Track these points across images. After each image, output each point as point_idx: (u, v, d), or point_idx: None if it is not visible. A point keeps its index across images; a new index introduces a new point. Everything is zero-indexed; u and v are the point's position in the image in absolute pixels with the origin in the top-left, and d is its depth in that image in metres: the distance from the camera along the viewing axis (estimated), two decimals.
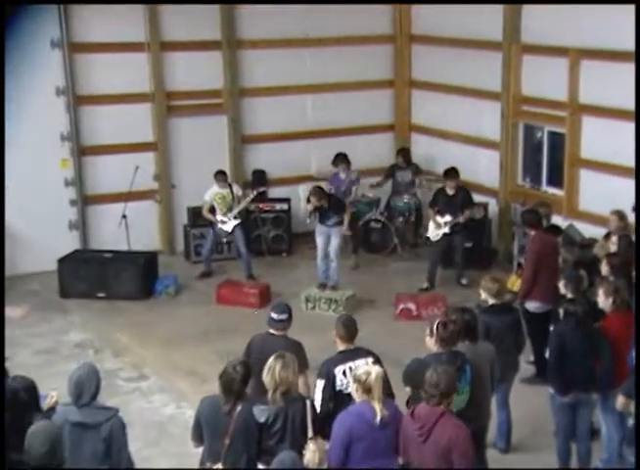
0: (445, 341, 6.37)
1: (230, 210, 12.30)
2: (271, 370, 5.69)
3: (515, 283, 10.37)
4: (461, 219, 11.50)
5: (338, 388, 6.29)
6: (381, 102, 14.91)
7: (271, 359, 5.76)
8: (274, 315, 6.91)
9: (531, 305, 9.07)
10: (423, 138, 14.79)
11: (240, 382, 5.74)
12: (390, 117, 15.08)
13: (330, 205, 11.46)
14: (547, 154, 12.65)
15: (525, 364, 9.05)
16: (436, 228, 11.68)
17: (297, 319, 11.01)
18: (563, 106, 11.80)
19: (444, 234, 11.61)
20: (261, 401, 5.74)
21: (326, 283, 11.54)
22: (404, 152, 14.01)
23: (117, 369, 9.70)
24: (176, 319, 11.22)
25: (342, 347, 6.48)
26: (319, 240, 11.65)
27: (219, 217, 12.29)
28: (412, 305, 10.96)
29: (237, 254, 12.98)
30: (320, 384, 6.31)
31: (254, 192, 12.59)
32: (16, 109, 12.24)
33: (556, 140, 12.41)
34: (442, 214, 11.67)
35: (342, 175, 13.07)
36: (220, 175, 12.32)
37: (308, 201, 11.70)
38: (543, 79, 12.17)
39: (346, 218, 11.57)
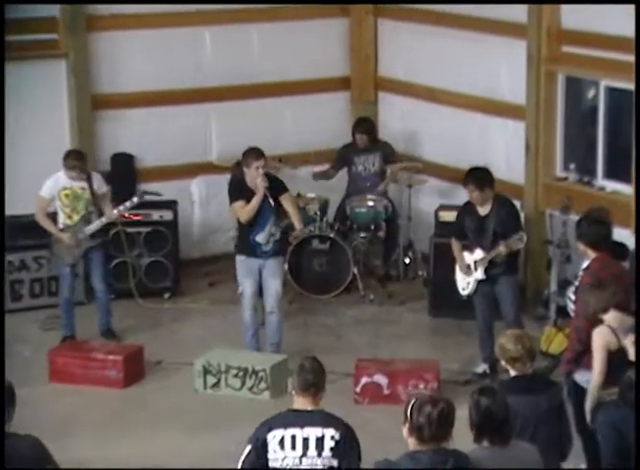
0: (420, 432, 6.27)
1: (86, 220, 12.22)
2: None
3: (553, 339, 10.39)
4: (493, 255, 11.17)
5: (270, 463, 6.76)
6: (328, 41, 15.01)
7: None
8: None
9: (584, 378, 9.10)
10: (398, 100, 14.91)
11: None
12: (344, 65, 15.20)
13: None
14: (605, 125, 12.77)
15: None
16: (465, 275, 11.49)
17: (189, 406, 11.11)
18: (629, 45, 11.92)
19: (478, 282, 11.42)
20: None
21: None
22: (366, 125, 14.12)
23: None
24: None
25: (295, 403, 6.94)
26: (246, 283, 11.58)
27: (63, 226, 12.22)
28: (382, 379, 11.00)
29: (88, 293, 12.98)
30: (245, 451, 6.87)
31: (133, 200, 12.39)
32: None
33: (619, 102, 12.54)
34: (472, 250, 11.42)
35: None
36: (73, 159, 12.13)
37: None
38: (595, 4, 12.31)
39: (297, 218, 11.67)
